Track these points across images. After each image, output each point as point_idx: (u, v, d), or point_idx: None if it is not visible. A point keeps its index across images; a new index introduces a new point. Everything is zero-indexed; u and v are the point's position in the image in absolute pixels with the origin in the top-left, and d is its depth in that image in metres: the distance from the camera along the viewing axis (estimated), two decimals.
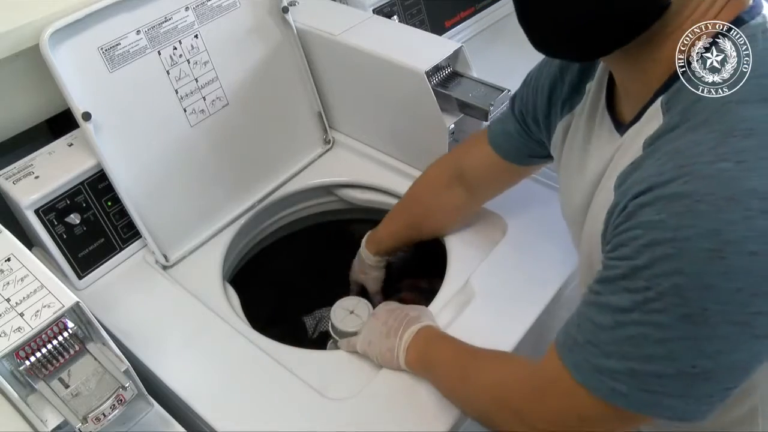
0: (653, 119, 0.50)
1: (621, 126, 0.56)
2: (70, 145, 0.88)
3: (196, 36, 0.90)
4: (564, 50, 0.55)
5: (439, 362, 0.71)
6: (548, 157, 0.77)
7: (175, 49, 0.88)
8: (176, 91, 0.90)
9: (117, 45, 0.82)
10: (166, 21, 0.86)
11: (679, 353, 0.45)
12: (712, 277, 0.42)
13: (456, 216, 0.94)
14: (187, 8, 0.88)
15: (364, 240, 1.02)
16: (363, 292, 1.07)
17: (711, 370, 0.45)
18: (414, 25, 1.22)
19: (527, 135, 0.77)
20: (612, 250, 0.48)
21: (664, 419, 0.48)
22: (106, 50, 0.81)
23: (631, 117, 0.54)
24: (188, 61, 0.90)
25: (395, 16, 1.18)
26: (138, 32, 0.84)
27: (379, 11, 1.15)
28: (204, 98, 0.93)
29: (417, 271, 1.15)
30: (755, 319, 0.43)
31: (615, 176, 0.53)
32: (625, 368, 0.47)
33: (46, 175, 0.84)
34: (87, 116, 0.80)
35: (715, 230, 0.42)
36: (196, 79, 0.91)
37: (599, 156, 0.59)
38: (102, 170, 0.85)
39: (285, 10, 0.99)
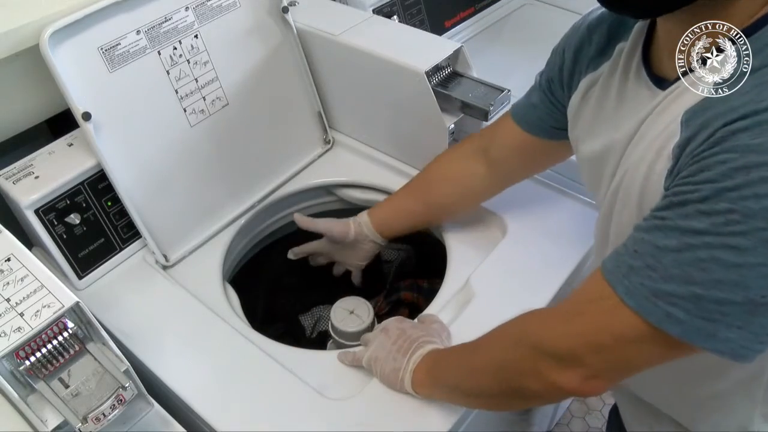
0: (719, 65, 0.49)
1: (662, 82, 0.56)
2: (70, 145, 0.88)
3: (196, 36, 0.90)
4: (632, 5, 0.54)
5: (446, 364, 0.69)
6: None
7: (175, 49, 0.88)
8: (176, 91, 0.90)
9: (117, 45, 0.82)
10: (166, 21, 0.86)
11: (752, 280, 0.44)
12: None
13: (472, 192, 0.90)
14: (187, 8, 0.88)
15: (366, 217, 0.95)
16: (363, 293, 1.07)
17: None
18: (414, 25, 1.22)
19: (551, 104, 0.76)
20: (689, 176, 0.47)
21: (714, 353, 0.47)
22: (106, 50, 0.81)
23: (676, 74, 0.53)
24: (188, 61, 0.90)
25: (395, 16, 1.18)
26: (138, 32, 0.84)
27: (379, 11, 1.15)
28: (204, 98, 0.93)
29: (417, 271, 1.15)
30: None
31: (656, 131, 0.52)
32: (688, 292, 0.46)
33: (46, 175, 0.84)
34: (87, 116, 0.80)
35: None
36: (196, 79, 0.91)
37: (635, 111, 0.58)
38: (102, 170, 0.85)
39: (285, 10, 0.99)
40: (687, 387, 0.65)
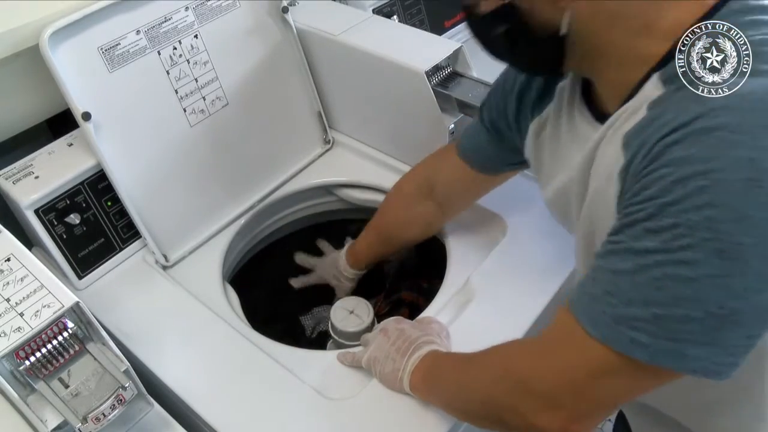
0: (652, 92, 0.49)
1: (603, 116, 0.56)
2: (70, 145, 0.88)
3: (196, 36, 0.90)
4: (529, 73, 0.67)
5: (440, 373, 0.69)
6: (522, 162, 0.77)
7: (175, 49, 0.88)
8: (176, 91, 0.90)
9: (117, 45, 0.82)
10: (165, 21, 0.86)
11: (707, 293, 0.43)
12: (749, 208, 0.41)
13: (426, 229, 0.96)
14: (186, 8, 0.88)
15: (344, 250, 1.03)
16: (363, 293, 1.07)
17: (739, 311, 0.44)
18: (414, 25, 1.22)
19: (499, 143, 0.77)
20: (633, 195, 0.47)
21: (688, 373, 0.46)
22: (105, 50, 0.81)
23: (617, 104, 0.53)
24: (188, 61, 0.90)
25: (395, 16, 1.18)
26: (138, 32, 0.84)
27: (379, 11, 1.15)
28: (204, 98, 0.93)
29: (417, 271, 1.15)
30: None
31: (603, 161, 0.53)
32: (648, 314, 0.45)
33: (46, 175, 0.84)
34: (87, 116, 0.80)
35: (752, 159, 0.41)
36: (196, 79, 0.91)
37: (583, 147, 0.59)
38: (102, 170, 0.85)
39: (285, 10, 0.99)
40: (691, 392, 0.65)
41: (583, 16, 0.51)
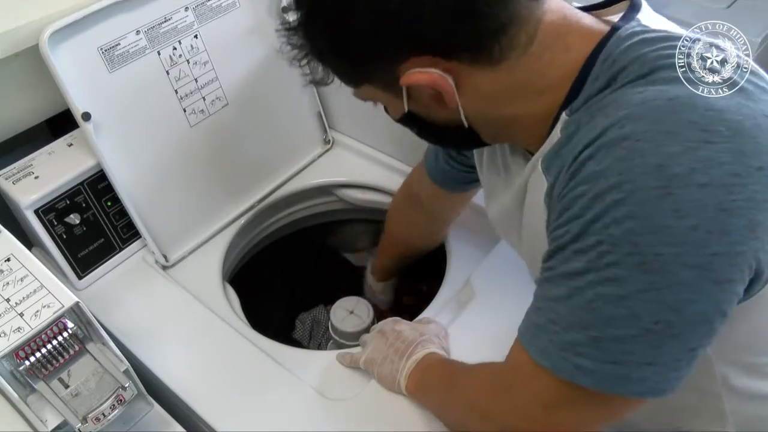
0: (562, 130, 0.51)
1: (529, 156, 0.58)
2: (70, 145, 0.88)
3: (195, 36, 0.90)
4: (460, 151, 0.76)
5: (431, 384, 0.70)
6: None
7: (175, 49, 0.88)
8: (176, 92, 0.90)
9: (117, 45, 0.82)
10: (165, 21, 0.86)
11: (639, 309, 0.43)
12: (664, 217, 0.41)
13: (433, 237, 0.99)
14: (186, 8, 0.88)
15: (368, 268, 1.08)
16: (363, 293, 1.07)
17: (674, 324, 0.43)
18: None
19: (459, 164, 0.79)
20: (558, 218, 0.47)
21: (634, 397, 0.46)
22: (105, 50, 0.81)
23: (539, 146, 0.54)
24: (188, 61, 0.90)
25: None
26: (138, 32, 0.84)
27: None
28: (204, 98, 0.93)
29: (416, 272, 1.15)
30: (712, 261, 0.41)
31: (533, 192, 0.55)
32: (587, 338, 0.45)
33: (45, 175, 0.84)
34: (87, 116, 0.80)
35: (659, 165, 0.41)
36: (196, 79, 0.91)
37: (517, 178, 0.60)
38: (102, 170, 0.85)
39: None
40: (658, 402, 0.66)
41: (476, 110, 0.53)
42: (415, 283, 1.12)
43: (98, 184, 0.87)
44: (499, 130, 0.56)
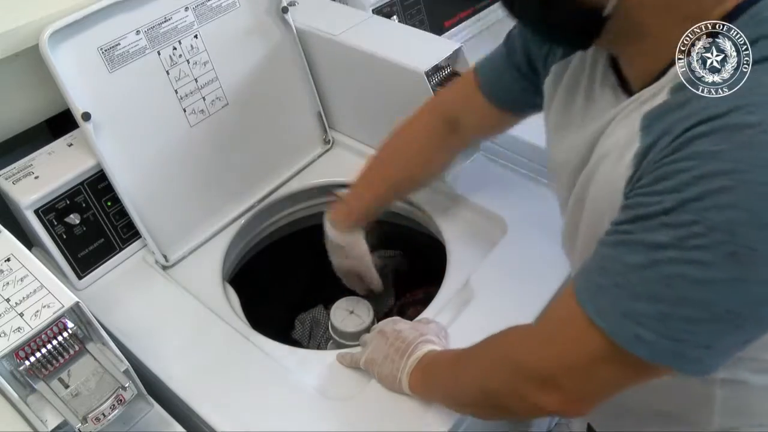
0: (677, 77, 0.48)
1: (629, 87, 0.54)
2: (70, 145, 0.88)
3: (195, 36, 0.90)
4: (552, 42, 0.62)
5: (437, 370, 0.69)
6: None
7: (175, 49, 0.88)
8: (176, 92, 0.90)
9: (117, 45, 0.82)
10: (165, 21, 0.86)
11: (716, 296, 0.43)
12: None
13: (447, 165, 0.91)
14: (186, 8, 0.88)
15: (326, 223, 0.92)
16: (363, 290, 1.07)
17: (744, 317, 0.43)
18: (413, 25, 1.22)
19: (525, 81, 0.73)
20: (650, 184, 0.45)
21: (683, 373, 0.46)
22: (105, 50, 0.81)
23: (641, 84, 0.52)
24: (188, 61, 0.90)
25: (395, 16, 1.19)
26: (137, 32, 0.84)
27: (378, 11, 1.15)
28: (204, 98, 0.93)
29: (411, 277, 1.15)
30: None
31: (614, 138, 0.52)
32: (655, 311, 0.45)
33: (45, 175, 0.84)
34: (87, 116, 0.80)
35: None
36: (196, 79, 0.91)
37: (599, 116, 0.57)
38: (101, 170, 0.85)
39: (284, 10, 0.99)
40: (652, 402, 0.66)
41: (636, 1, 0.48)
42: (412, 293, 1.13)
43: (98, 184, 0.87)
44: (622, 39, 0.51)
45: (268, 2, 0.98)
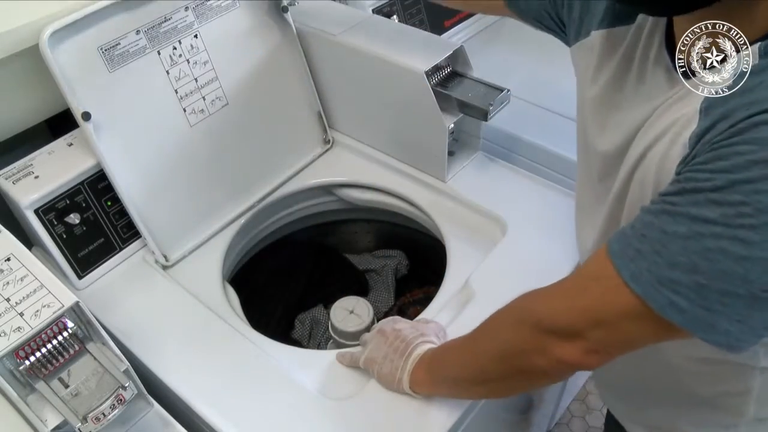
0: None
1: (684, 70, 0.53)
2: (70, 145, 0.88)
3: (195, 36, 0.90)
4: (647, 2, 0.53)
5: (445, 356, 0.69)
6: (555, 32, 0.74)
7: (175, 49, 0.88)
8: (176, 91, 0.90)
9: (117, 45, 0.82)
10: (165, 21, 0.86)
11: (756, 274, 0.44)
12: None
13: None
14: (186, 8, 0.88)
15: None
16: (362, 293, 1.07)
17: None
18: (413, 25, 1.22)
19: (552, 8, 0.72)
20: (704, 163, 0.46)
21: (711, 343, 0.47)
22: (105, 50, 0.81)
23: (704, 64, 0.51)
24: (188, 61, 0.90)
25: (395, 16, 1.19)
26: (138, 32, 0.84)
27: (378, 11, 1.15)
28: (204, 98, 0.93)
29: (414, 273, 1.15)
30: None
31: (672, 114, 0.52)
32: (692, 282, 0.46)
33: (45, 175, 0.84)
34: (87, 116, 0.80)
35: None
36: (196, 79, 0.91)
37: (652, 97, 0.56)
38: (101, 170, 0.85)
39: (284, 9, 0.99)
40: (682, 389, 0.66)
41: None
42: (415, 292, 1.13)
43: (98, 184, 0.87)
44: (721, 9, 0.48)
45: (268, 2, 0.98)
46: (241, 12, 0.95)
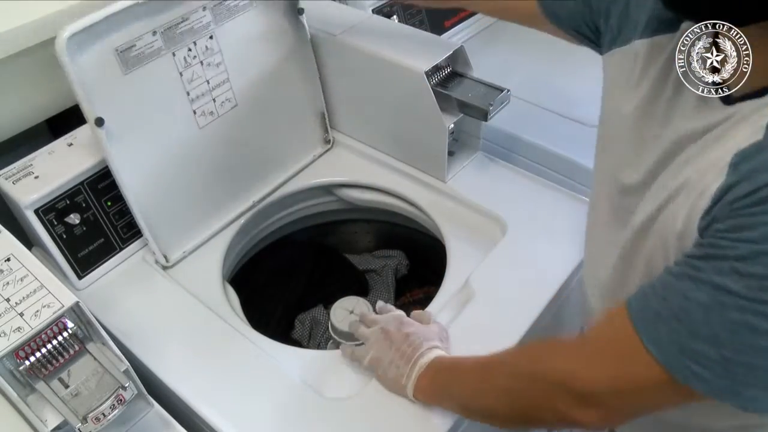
0: None
1: (727, 95, 0.50)
2: (70, 145, 0.88)
3: (211, 37, 0.88)
4: (696, 10, 0.49)
5: (454, 377, 0.69)
6: (588, 40, 0.71)
7: (190, 50, 0.86)
8: (188, 93, 0.88)
9: (132, 46, 0.80)
10: (183, 21, 0.84)
11: None
12: None
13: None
14: (204, 8, 0.86)
15: None
16: (362, 293, 1.07)
17: None
18: (414, 25, 1.22)
19: (588, 14, 0.69)
20: (729, 230, 0.44)
21: (735, 407, 0.46)
22: (121, 52, 0.79)
23: (748, 89, 0.48)
24: (201, 62, 0.88)
25: (395, 16, 1.18)
26: (154, 33, 0.81)
27: (378, 11, 1.15)
28: (214, 100, 0.92)
29: (414, 273, 1.15)
30: None
31: (706, 158, 0.49)
32: (717, 354, 0.45)
33: (45, 175, 0.84)
34: (100, 122, 0.78)
35: None
36: (208, 81, 0.90)
37: (683, 123, 0.54)
38: (102, 170, 0.85)
39: (300, 12, 0.98)
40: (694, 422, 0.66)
41: None
42: (415, 292, 1.12)
43: (98, 184, 0.87)
44: None
45: (284, 3, 0.96)
46: (257, 13, 0.93)
